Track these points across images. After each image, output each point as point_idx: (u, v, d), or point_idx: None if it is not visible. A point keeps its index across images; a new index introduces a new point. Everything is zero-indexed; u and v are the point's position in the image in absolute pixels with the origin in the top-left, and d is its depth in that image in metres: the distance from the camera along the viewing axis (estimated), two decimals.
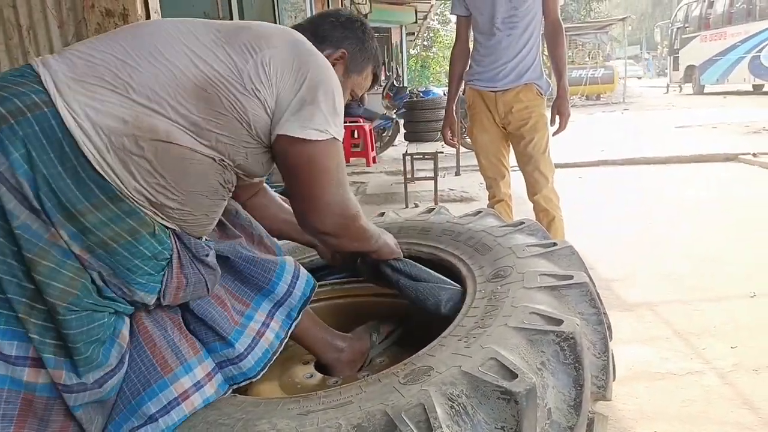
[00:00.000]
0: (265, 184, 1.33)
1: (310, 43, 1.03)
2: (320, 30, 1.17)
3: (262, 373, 1.05)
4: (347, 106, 1.42)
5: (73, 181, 0.80)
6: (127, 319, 0.89)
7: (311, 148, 0.94)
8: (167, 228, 0.90)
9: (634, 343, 2.10)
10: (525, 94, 2.34)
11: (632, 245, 3.32)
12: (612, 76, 15.61)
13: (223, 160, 0.94)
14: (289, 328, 1.13)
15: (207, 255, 0.97)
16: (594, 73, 15.33)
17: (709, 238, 3.33)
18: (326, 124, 0.95)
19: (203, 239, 0.99)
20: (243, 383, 1.03)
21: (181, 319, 0.97)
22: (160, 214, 0.88)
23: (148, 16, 2.24)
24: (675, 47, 17.65)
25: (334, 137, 0.97)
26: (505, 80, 2.34)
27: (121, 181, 0.83)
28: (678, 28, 17.41)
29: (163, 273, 0.90)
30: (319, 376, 1.28)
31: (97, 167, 0.81)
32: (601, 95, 16.04)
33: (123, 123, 0.83)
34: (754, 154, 5.76)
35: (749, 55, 13.97)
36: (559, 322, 0.92)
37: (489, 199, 2.59)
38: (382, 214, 1.77)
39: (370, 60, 1.25)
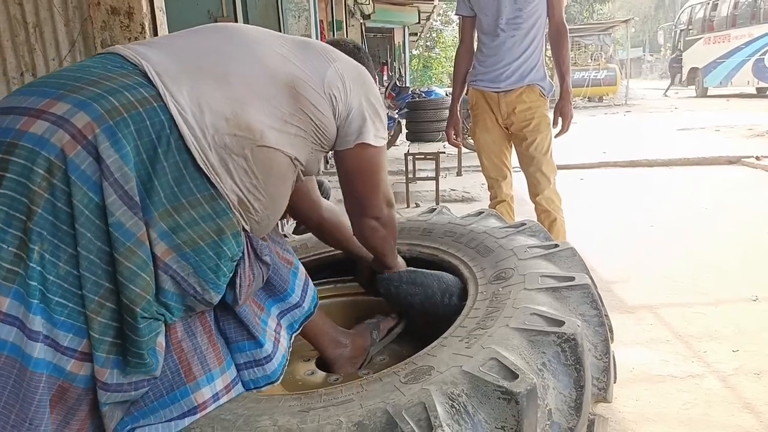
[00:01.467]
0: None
1: None
2: None
3: (281, 379, 1.05)
4: None
5: (174, 177, 0.81)
6: (162, 328, 0.88)
7: (379, 152, 1.13)
8: (243, 229, 0.92)
9: (635, 346, 2.10)
10: (528, 95, 2.35)
11: (633, 247, 3.32)
12: (614, 78, 15.59)
13: (297, 160, 1.00)
14: (290, 339, 1.13)
15: (267, 255, 1.01)
16: (596, 74, 15.31)
17: (711, 241, 3.33)
18: (384, 131, 1.13)
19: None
20: (264, 387, 1.01)
21: (212, 324, 0.96)
22: (244, 216, 0.91)
23: (153, 15, 2.25)
24: (678, 49, 17.64)
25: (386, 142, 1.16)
26: (508, 81, 2.35)
27: (219, 179, 0.85)
28: (681, 31, 17.38)
29: (231, 275, 0.90)
30: (320, 373, 1.28)
31: (200, 164, 0.83)
32: (604, 97, 16.02)
33: (225, 121, 0.86)
34: (757, 157, 5.75)
35: (753, 58, 13.94)
36: (561, 323, 0.92)
37: (490, 200, 2.59)
38: None
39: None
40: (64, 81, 0.81)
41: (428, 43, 26.20)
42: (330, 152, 1.14)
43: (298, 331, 1.16)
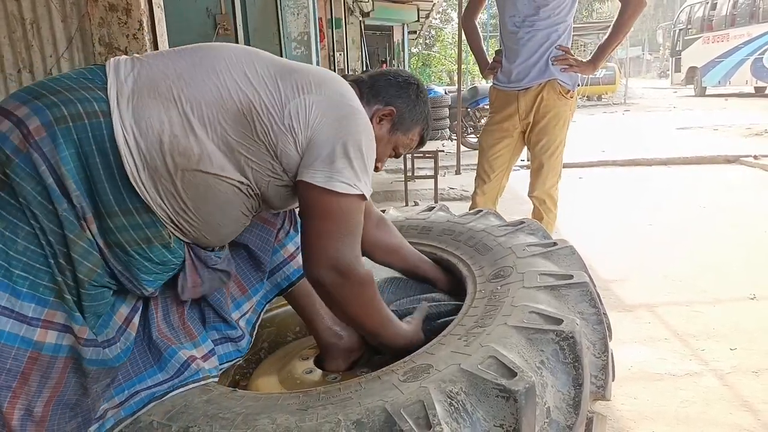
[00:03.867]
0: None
1: (358, 100, 1.07)
2: (377, 84, 1.21)
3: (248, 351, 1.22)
4: None
5: (109, 186, 0.89)
6: (131, 301, 1.00)
7: (334, 199, 0.96)
8: (181, 240, 0.99)
9: (633, 344, 2.10)
10: (548, 92, 2.33)
11: (632, 246, 3.32)
12: (613, 77, 15.59)
13: (249, 187, 1.00)
14: (259, 316, 1.28)
15: (216, 264, 1.07)
16: (595, 73, 15.29)
17: (709, 240, 3.33)
18: (356, 180, 0.97)
19: (213, 251, 1.08)
20: (236, 360, 1.18)
21: (185, 311, 1.09)
22: (177, 231, 0.97)
23: (151, 11, 2.24)
24: (677, 49, 17.64)
25: (361, 194, 0.99)
26: (527, 78, 2.34)
27: (150, 198, 0.92)
28: (680, 30, 17.39)
29: (170, 274, 1.00)
30: (318, 371, 1.28)
31: (132, 181, 0.90)
32: (603, 96, 16.02)
33: (160, 144, 0.91)
34: (755, 157, 5.77)
35: (752, 58, 13.96)
36: (559, 321, 0.92)
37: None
38: (383, 211, 1.77)
39: (419, 122, 1.26)
40: (37, 89, 0.91)
41: (427, 41, 26.19)
42: None
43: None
